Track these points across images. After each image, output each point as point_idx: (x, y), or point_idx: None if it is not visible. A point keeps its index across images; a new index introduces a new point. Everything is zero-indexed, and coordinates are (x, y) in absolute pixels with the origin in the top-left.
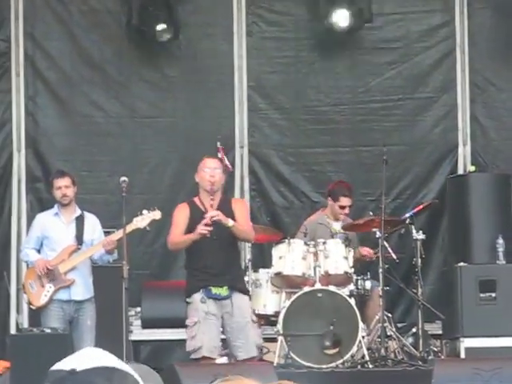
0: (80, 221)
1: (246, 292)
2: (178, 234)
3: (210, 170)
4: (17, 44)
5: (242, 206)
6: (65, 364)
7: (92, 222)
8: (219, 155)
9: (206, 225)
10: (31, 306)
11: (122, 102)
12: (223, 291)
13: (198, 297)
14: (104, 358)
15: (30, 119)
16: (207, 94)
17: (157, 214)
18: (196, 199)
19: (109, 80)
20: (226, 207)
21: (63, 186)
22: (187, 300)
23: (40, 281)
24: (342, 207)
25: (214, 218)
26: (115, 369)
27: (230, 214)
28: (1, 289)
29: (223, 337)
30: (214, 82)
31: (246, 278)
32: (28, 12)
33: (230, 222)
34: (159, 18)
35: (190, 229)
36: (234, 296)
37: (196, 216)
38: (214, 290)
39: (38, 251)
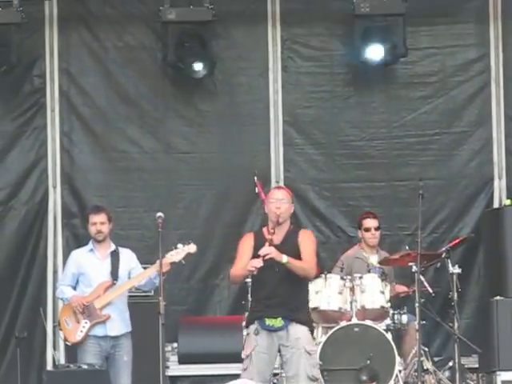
0: (115, 256)
1: (304, 323)
2: (238, 268)
3: (276, 202)
4: (52, 80)
5: (308, 238)
6: None
7: (127, 257)
8: (256, 190)
9: (258, 262)
10: (67, 343)
11: (157, 137)
12: (277, 322)
13: (252, 328)
14: None
15: (65, 155)
16: (242, 129)
17: (192, 248)
18: (264, 229)
19: (144, 116)
20: (291, 239)
21: (98, 223)
22: (245, 331)
23: (75, 317)
24: (367, 229)
25: (267, 257)
26: None
27: (294, 246)
28: (37, 325)
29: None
30: (249, 116)
31: None
32: (63, 48)
33: (284, 259)
34: (195, 54)
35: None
36: (290, 327)
37: (260, 247)
38: (268, 322)
39: (74, 288)
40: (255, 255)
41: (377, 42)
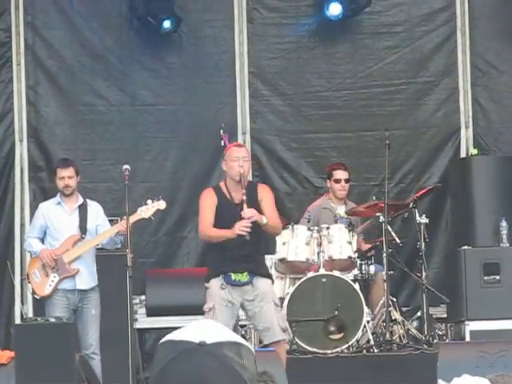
0: (83, 209)
1: (267, 276)
2: (209, 226)
3: (238, 160)
4: (17, 33)
5: (268, 194)
6: (186, 335)
7: (95, 210)
8: (222, 142)
9: (246, 226)
10: (35, 296)
11: (123, 90)
12: (243, 277)
13: (216, 282)
14: (226, 331)
15: (31, 109)
16: (208, 81)
17: (161, 204)
18: (222, 185)
19: (110, 68)
20: (252, 194)
21: (66, 177)
22: (206, 285)
23: (44, 270)
24: (337, 181)
25: (251, 220)
26: (240, 343)
27: (256, 203)
28: (5, 279)
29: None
30: (215, 68)
31: None
32: (28, 2)
33: (265, 220)
34: (162, 9)
35: (217, 217)
36: (255, 281)
37: (223, 204)
38: (234, 276)
39: (42, 240)
40: (218, 212)
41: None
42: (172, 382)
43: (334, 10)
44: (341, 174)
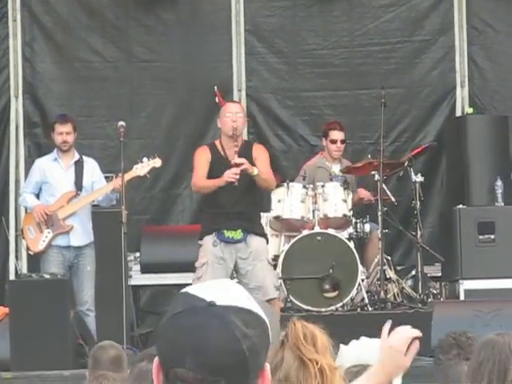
0: (79, 166)
1: (262, 234)
2: (201, 178)
3: (231, 115)
4: None
5: (263, 153)
6: (201, 292)
7: (91, 167)
8: (216, 100)
9: (235, 173)
10: (29, 252)
11: (119, 46)
12: (237, 234)
13: (209, 239)
14: (242, 297)
15: (27, 65)
16: (204, 39)
17: (157, 162)
18: (217, 143)
19: (105, 25)
20: (247, 153)
21: (65, 133)
22: (199, 242)
23: (38, 226)
24: (333, 141)
25: (241, 167)
26: (251, 311)
27: (250, 160)
28: None
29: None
30: (211, 26)
31: None
32: None
33: (255, 171)
34: None
35: (210, 173)
36: (249, 239)
37: (217, 160)
38: (227, 234)
39: (37, 196)
40: (212, 168)
41: None
42: (172, 335)
43: None
44: (337, 135)
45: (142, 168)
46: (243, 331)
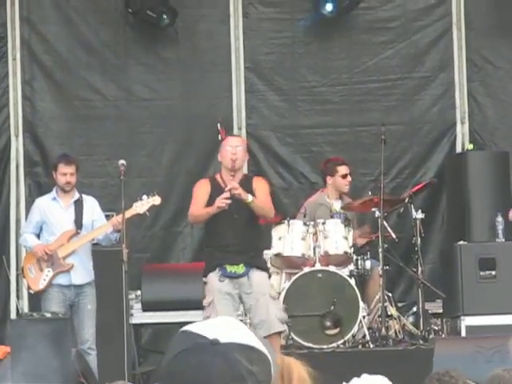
0: (79, 205)
1: (264, 268)
2: (197, 208)
3: (231, 148)
4: (13, 28)
5: (263, 184)
6: (203, 330)
7: (91, 205)
8: (219, 137)
9: (226, 198)
10: (30, 291)
11: (119, 85)
12: (239, 269)
13: (214, 275)
14: (244, 334)
15: (27, 104)
16: (204, 76)
17: (156, 200)
18: (217, 176)
19: (105, 63)
20: (247, 186)
21: (69, 174)
22: (203, 279)
23: (39, 265)
24: (344, 176)
25: (234, 192)
26: (254, 348)
27: (250, 193)
28: (0, 274)
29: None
30: (211, 63)
31: None
32: None
33: (250, 198)
34: (158, 2)
35: (210, 205)
36: (251, 273)
37: (216, 193)
38: (230, 268)
39: (38, 236)
40: (211, 201)
41: None
42: (178, 371)
43: (328, 7)
44: (345, 169)
45: (142, 206)
46: (248, 369)
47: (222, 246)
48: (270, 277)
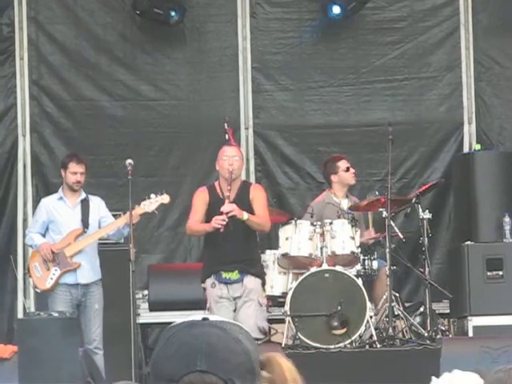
0: (85, 204)
1: (258, 275)
2: (195, 222)
3: (228, 158)
4: (20, 28)
5: (260, 194)
6: (190, 317)
7: (97, 205)
8: (227, 136)
9: (222, 220)
10: (36, 290)
11: (127, 85)
12: (234, 275)
13: (209, 282)
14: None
15: (34, 104)
16: (211, 76)
17: (165, 198)
18: (216, 184)
19: (113, 63)
20: (244, 194)
21: (79, 173)
22: (202, 286)
23: (45, 264)
24: (346, 169)
25: (230, 214)
26: (242, 327)
27: (247, 201)
28: (7, 273)
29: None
30: (218, 63)
31: None
32: None
33: (245, 216)
34: (167, 1)
35: (209, 214)
36: (245, 279)
37: (215, 202)
38: (224, 275)
39: (43, 235)
40: (210, 210)
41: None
42: (185, 340)
43: (335, 10)
44: (345, 163)
45: (150, 204)
46: (242, 336)
47: (218, 254)
48: (264, 284)
